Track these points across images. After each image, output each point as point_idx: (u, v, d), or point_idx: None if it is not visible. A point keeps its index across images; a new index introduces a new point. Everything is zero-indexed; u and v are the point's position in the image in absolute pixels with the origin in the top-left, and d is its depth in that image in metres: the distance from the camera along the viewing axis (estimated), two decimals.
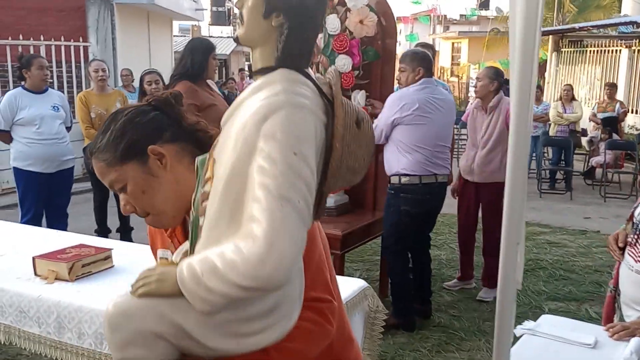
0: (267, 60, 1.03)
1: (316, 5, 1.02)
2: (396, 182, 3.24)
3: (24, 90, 4.09)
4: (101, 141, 1.18)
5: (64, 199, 4.34)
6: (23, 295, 1.98)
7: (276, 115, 0.94)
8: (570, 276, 4.24)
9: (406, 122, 3.17)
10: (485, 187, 3.77)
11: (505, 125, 3.65)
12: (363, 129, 1.06)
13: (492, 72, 3.79)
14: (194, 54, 3.40)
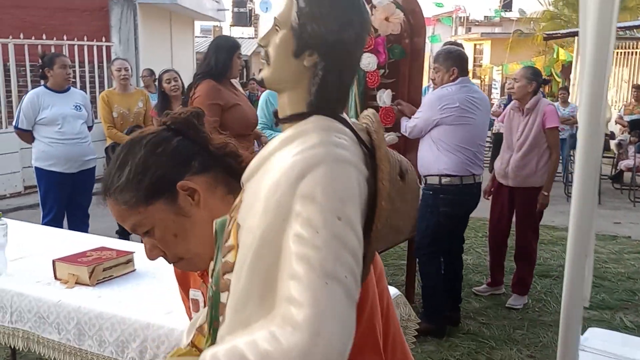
0: (298, 105, 0.87)
1: (355, 40, 0.86)
2: (435, 182, 3.15)
3: (46, 89, 4.06)
4: (119, 179, 0.99)
5: (85, 199, 4.31)
6: (43, 300, 1.93)
7: (315, 172, 0.78)
8: (603, 283, 4.08)
9: (447, 122, 3.10)
10: (519, 191, 3.64)
11: (542, 128, 3.54)
12: (408, 181, 0.92)
13: (530, 72, 3.66)
14: (219, 52, 3.33)
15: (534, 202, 3.60)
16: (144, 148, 1.00)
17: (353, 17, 0.85)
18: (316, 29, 0.83)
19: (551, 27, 19.36)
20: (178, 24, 11.52)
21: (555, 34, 14.29)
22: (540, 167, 3.57)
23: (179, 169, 1.00)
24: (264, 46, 0.88)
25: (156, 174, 0.99)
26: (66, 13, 8.67)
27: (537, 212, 3.66)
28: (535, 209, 3.62)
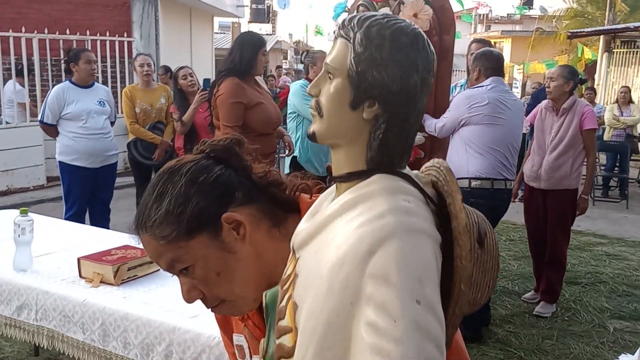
0: (356, 162, 0.76)
1: (421, 86, 0.74)
2: (465, 185, 3.05)
3: (71, 84, 4.06)
4: (157, 211, 0.88)
5: (107, 194, 4.31)
6: (68, 299, 1.90)
7: (386, 246, 0.68)
8: (635, 292, 3.95)
9: (476, 122, 3.02)
10: (553, 194, 3.52)
11: (579, 129, 3.43)
12: (487, 247, 0.79)
13: (567, 71, 3.53)
14: (243, 49, 3.28)
15: (568, 205, 3.51)
16: (184, 177, 0.90)
17: (418, 58, 0.74)
18: (377, 77, 0.73)
19: (574, 25, 19.02)
20: (197, 20, 11.52)
21: (580, 32, 14.04)
22: (574, 169, 3.47)
23: (222, 200, 0.90)
24: (314, 95, 0.78)
25: (199, 205, 0.89)
26: (89, 8, 8.71)
27: (575, 216, 3.57)
28: (568, 211, 3.53)
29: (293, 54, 34.01)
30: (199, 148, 0.96)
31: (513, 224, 5.57)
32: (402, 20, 0.76)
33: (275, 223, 0.94)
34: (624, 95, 7.75)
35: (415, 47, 0.74)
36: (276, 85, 12.49)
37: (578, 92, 3.69)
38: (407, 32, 0.74)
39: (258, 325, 0.98)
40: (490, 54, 3.25)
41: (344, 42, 0.75)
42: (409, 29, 0.75)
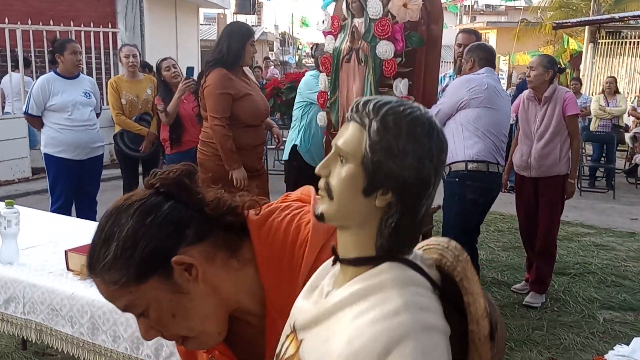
0: (365, 247, 0.75)
1: (435, 175, 0.74)
2: (462, 168, 3.07)
3: (57, 75, 3.99)
4: (105, 256, 0.85)
5: (93, 187, 4.26)
6: (55, 292, 1.87)
7: (402, 347, 0.68)
8: (623, 282, 3.98)
9: (476, 105, 3.05)
10: (545, 181, 3.56)
11: (562, 116, 3.48)
12: (497, 339, 0.78)
13: (547, 60, 3.58)
14: (231, 39, 3.24)
15: (559, 191, 3.56)
16: (132, 218, 0.86)
17: (433, 147, 0.73)
18: (393, 167, 0.71)
19: (559, 16, 19.13)
20: (183, 11, 11.40)
21: (565, 23, 14.12)
22: (563, 155, 3.52)
23: (172, 240, 0.87)
24: (324, 176, 0.76)
25: (147, 247, 0.85)
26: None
27: (564, 201, 3.61)
28: (558, 198, 3.58)
29: (279, 45, 33.84)
30: (149, 181, 0.92)
31: (501, 214, 5.60)
32: (417, 108, 0.75)
33: (231, 253, 0.91)
34: (610, 85, 7.81)
35: (430, 136, 0.73)
36: (263, 76, 12.42)
37: (564, 82, 3.72)
38: (423, 122, 0.73)
39: (225, 353, 0.97)
40: (484, 46, 3.36)
41: (358, 127, 0.74)
42: (425, 117, 0.74)
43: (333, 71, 3.49)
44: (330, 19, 3.52)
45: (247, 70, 3.54)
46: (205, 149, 3.39)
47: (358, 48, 3.36)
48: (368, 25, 3.30)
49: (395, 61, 3.27)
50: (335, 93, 3.52)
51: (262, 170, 3.58)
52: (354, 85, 3.40)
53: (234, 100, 3.24)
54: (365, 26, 3.33)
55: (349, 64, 3.41)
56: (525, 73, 4.05)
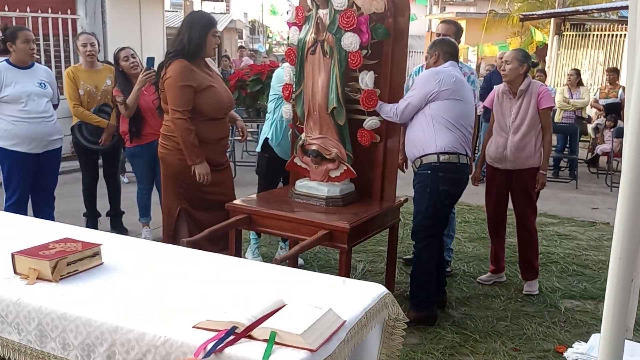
0: None
1: None
2: (434, 160, 3.08)
3: (9, 65, 3.81)
4: None
5: (51, 181, 4.09)
6: (1, 298, 1.76)
7: None
8: (584, 271, 4.06)
9: (445, 96, 3.06)
10: (519, 173, 3.61)
11: (537, 109, 3.53)
12: None
13: (521, 54, 3.61)
14: (192, 30, 3.14)
15: (532, 182, 3.61)
16: None
17: None
18: None
19: (526, 8, 19.39)
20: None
21: (531, 15, 14.31)
22: (537, 148, 3.57)
23: None
24: None
25: None
26: None
27: (537, 192, 3.66)
28: (532, 188, 3.63)
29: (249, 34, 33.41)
30: None
31: (468, 205, 5.64)
32: None
33: None
34: (572, 78, 7.93)
35: None
36: (238, 66, 12.21)
37: (530, 74, 3.75)
38: None
39: None
40: (448, 40, 3.37)
41: None
42: None
43: (298, 63, 3.42)
44: (294, 10, 3.44)
45: (210, 62, 3.43)
46: (166, 143, 3.28)
47: (323, 40, 3.29)
48: (333, 17, 3.24)
49: (361, 53, 3.22)
50: (301, 85, 3.45)
51: (226, 164, 3.49)
52: (319, 78, 3.33)
53: (196, 93, 3.15)
54: (330, 17, 3.26)
55: (314, 56, 3.34)
56: (493, 64, 4.08)
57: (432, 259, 3.18)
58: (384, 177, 3.39)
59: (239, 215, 3.09)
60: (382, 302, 1.82)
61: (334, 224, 2.87)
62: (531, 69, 3.82)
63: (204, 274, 1.96)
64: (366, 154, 3.27)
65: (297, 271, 2.14)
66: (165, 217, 3.39)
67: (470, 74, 3.81)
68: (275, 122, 3.88)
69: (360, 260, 4.13)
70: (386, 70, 3.36)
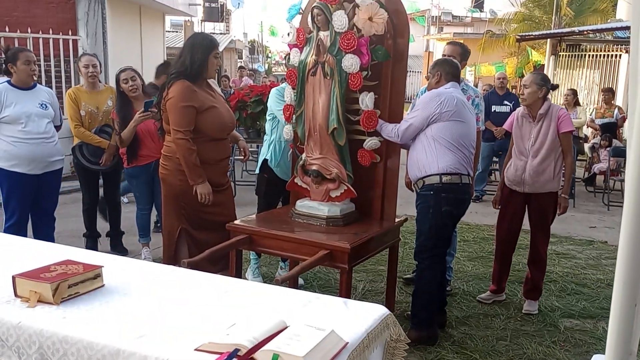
0: None
1: None
2: (436, 181, 3.10)
3: (10, 85, 3.83)
4: None
5: (51, 202, 4.09)
6: (2, 321, 1.75)
7: None
8: (583, 290, 4.06)
9: (447, 118, 3.08)
10: (537, 197, 3.62)
11: (557, 133, 3.54)
12: None
13: (540, 78, 3.62)
14: (194, 51, 3.17)
15: (550, 206, 3.63)
16: None
17: None
18: None
19: (522, 28, 19.62)
20: (148, 18, 11.22)
21: (528, 36, 14.46)
22: (557, 172, 3.58)
23: None
24: None
25: None
26: (31, 5, 8.31)
27: (557, 215, 3.68)
28: (550, 213, 3.64)
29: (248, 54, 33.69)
30: None
31: (467, 224, 5.65)
32: None
33: None
34: (568, 98, 8.01)
35: None
36: (238, 85, 12.30)
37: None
38: None
39: None
40: (450, 61, 3.39)
41: None
42: None
43: (299, 84, 3.46)
44: (295, 32, 3.48)
45: (212, 82, 3.47)
46: (167, 164, 3.30)
47: (324, 61, 3.33)
48: (334, 39, 3.28)
49: (361, 75, 3.26)
50: (301, 106, 3.48)
51: (227, 185, 3.50)
52: (319, 99, 3.36)
53: (198, 113, 3.17)
54: (330, 39, 3.30)
55: (315, 77, 3.38)
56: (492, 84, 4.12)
57: (435, 279, 3.18)
58: (384, 197, 3.40)
59: (240, 235, 3.10)
60: (384, 323, 1.82)
61: (334, 244, 2.88)
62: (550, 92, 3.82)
63: (205, 295, 1.96)
64: (366, 174, 3.29)
65: (298, 292, 2.14)
66: (165, 238, 3.39)
67: (475, 97, 3.83)
68: (273, 143, 3.90)
69: (360, 280, 4.12)
70: (386, 91, 3.40)
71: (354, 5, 3.25)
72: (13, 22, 7.40)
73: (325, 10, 3.28)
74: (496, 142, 6.95)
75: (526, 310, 3.66)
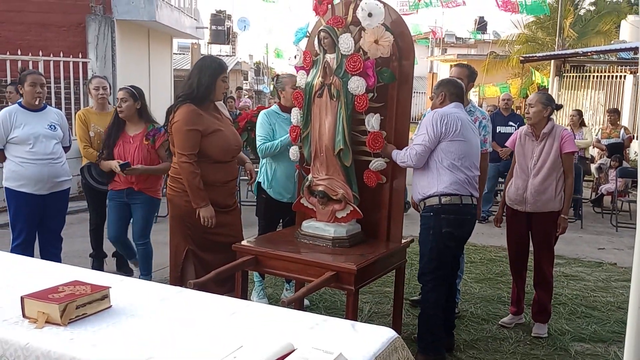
0: None
1: None
2: (435, 203, 3.10)
3: (20, 107, 3.89)
4: None
5: (57, 223, 4.10)
6: (9, 343, 1.75)
7: None
8: (593, 313, 4.01)
9: (449, 138, 3.08)
10: (539, 216, 3.61)
11: (560, 153, 3.54)
12: None
13: (545, 97, 3.64)
14: (202, 74, 3.21)
15: (552, 226, 3.61)
16: None
17: None
18: None
19: (526, 50, 19.77)
20: (156, 41, 11.38)
21: (532, 57, 14.56)
22: (558, 192, 3.56)
23: None
24: None
25: None
26: (43, 29, 8.47)
27: (557, 236, 3.65)
28: (552, 233, 3.62)
29: (253, 75, 34.02)
30: None
31: (474, 245, 5.62)
32: None
33: None
34: (574, 119, 8.02)
35: None
36: (236, 107, 12.41)
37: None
38: None
39: None
40: (455, 81, 3.38)
41: None
42: None
43: (305, 106, 3.49)
44: (302, 54, 3.53)
45: (220, 105, 3.50)
46: (174, 185, 3.32)
47: (330, 83, 3.37)
48: (340, 61, 3.32)
49: (367, 96, 3.29)
50: (308, 128, 3.51)
51: (234, 206, 3.51)
52: (326, 120, 3.39)
53: (203, 137, 3.19)
54: (337, 62, 3.34)
55: (321, 99, 3.41)
56: (497, 105, 4.13)
57: (439, 301, 3.15)
58: (390, 218, 3.40)
59: (246, 256, 3.10)
60: (392, 346, 1.81)
61: (340, 265, 2.87)
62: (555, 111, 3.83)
63: (212, 317, 1.96)
64: (372, 194, 3.30)
65: (305, 314, 2.12)
66: (172, 258, 3.39)
67: (482, 119, 3.83)
68: (264, 165, 3.93)
69: (367, 302, 4.10)
70: (391, 113, 3.42)
71: (360, 28, 3.29)
72: (25, 45, 7.53)
73: (332, 33, 3.32)
74: (501, 162, 6.94)
75: (535, 334, 3.61)
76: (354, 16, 3.33)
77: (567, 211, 3.65)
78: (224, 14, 22.91)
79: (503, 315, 3.89)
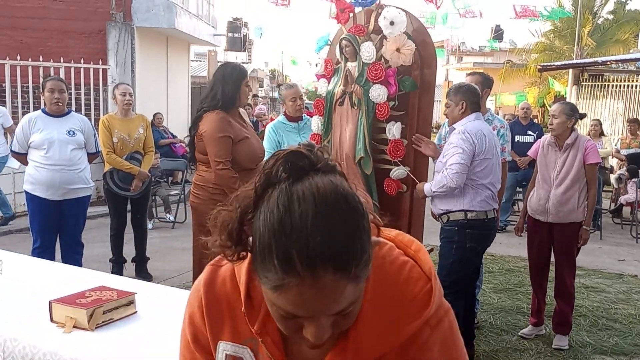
0: None
1: None
2: (461, 218, 3.07)
3: (42, 113, 3.94)
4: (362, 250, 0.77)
5: (75, 229, 4.09)
6: (38, 347, 1.77)
7: None
8: (614, 326, 3.95)
9: (480, 157, 3.05)
10: (560, 227, 3.57)
11: (583, 164, 3.50)
12: None
13: (568, 108, 3.59)
14: (225, 82, 3.23)
15: (574, 237, 3.57)
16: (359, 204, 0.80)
17: None
18: None
19: (543, 58, 19.65)
20: (174, 48, 11.50)
21: (549, 66, 14.46)
22: (580, 202, 3.53)
23: None
24: None
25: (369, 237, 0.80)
26: (64, 35, 8.61)
27: (578, 247, 3.62)
28: (574, 244, 3.59)
29: (269, 82, 34.20)
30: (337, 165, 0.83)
31: (492, 255, 5.57)
32: None
33: None
34: (595, 128, 7.94)
35: None
36: (252, 114, 12.47)
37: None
38: None
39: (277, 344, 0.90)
40: (474, 89, 3.25)
41: None
42: None
43: (326, 114, 3.50)
44: (324, 63, 3.55)
45: (243, 112, 3.52)
46: (200, 193, 3.33)
47: (351, 91, 3.38)
48: (361, 69, 3.33)
49: (389, 105, 3.29)
50: (328, 135, 3.52)
51: None
52: (347, 128, 3.40)
53: (233, 144, 3.20)
54: (358, 70, 3.36)
55: (342, 107, 3.43)
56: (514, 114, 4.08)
57: (457, 314, 3.11)
58: (410, 227, 3.39)
59: None
60: None
61: None
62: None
63: None
64: (392, 203, 3.29)
65: None
66: (196, 265, 3.40)
67: (501, 128, 3.79)
68: None
69: None
70: (412, 121, 3.42)
71: (382, 36, 3.31)
72: (47, 51, 7.66)
73: (354, 42, 3.34)
74: (520, 172, 6.89)
75: (556, 346, 3.57)
76: (375, 24, 3.35)
77: (590, 222, 3.61)
78: (240, 21, 23.09)
79: (522, 326, 3.85)
